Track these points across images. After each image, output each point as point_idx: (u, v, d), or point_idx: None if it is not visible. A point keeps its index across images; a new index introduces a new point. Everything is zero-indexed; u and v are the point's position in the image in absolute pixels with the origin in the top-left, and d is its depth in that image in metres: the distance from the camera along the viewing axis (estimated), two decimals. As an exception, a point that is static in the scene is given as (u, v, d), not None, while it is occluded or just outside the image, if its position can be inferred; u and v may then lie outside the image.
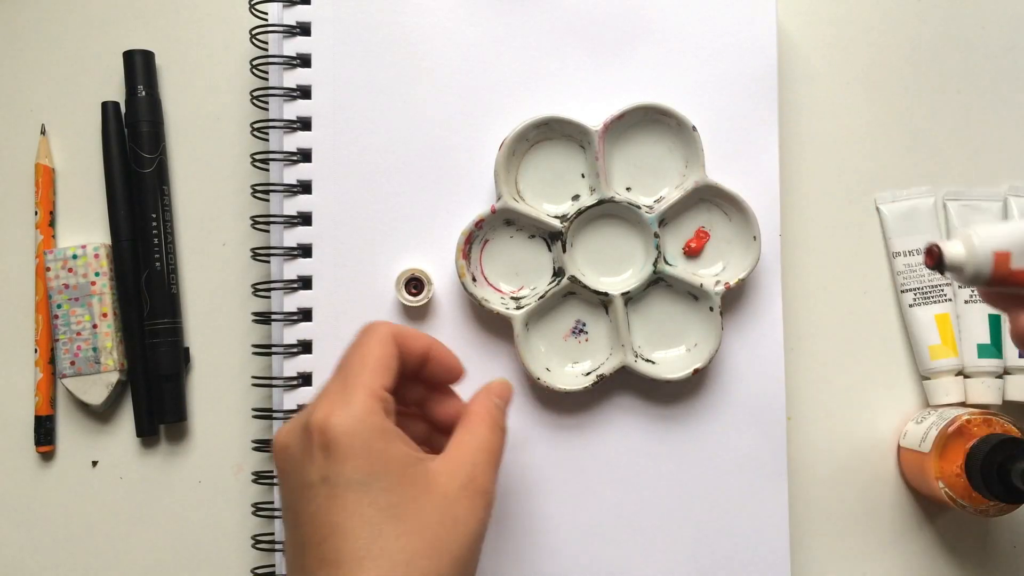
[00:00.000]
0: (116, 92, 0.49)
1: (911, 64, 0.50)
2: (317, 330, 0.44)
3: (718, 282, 0.44)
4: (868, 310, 0.49)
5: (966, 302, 0.48)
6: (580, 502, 0.44)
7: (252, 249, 0.45)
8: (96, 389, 0.46)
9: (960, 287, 0.34)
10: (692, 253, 0.45)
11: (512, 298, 0.44)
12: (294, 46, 0.45)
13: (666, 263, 0.44)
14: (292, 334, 0.44)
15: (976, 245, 0.31)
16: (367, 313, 0.44)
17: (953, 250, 0.31)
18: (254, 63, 0.46)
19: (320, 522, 0.32)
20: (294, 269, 0.45)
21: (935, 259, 0.31)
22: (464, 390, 0.40)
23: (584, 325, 0.45)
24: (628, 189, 0.45)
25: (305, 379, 0.44)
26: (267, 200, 0.46)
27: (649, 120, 0.44)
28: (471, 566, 0.33)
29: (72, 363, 0.46)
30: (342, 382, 0.34)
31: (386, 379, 0.34)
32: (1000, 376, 0.47)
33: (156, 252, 0.47)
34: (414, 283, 0.44)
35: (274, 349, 0.45)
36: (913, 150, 0.49)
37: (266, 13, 0.46)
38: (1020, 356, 0.47)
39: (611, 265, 0.45)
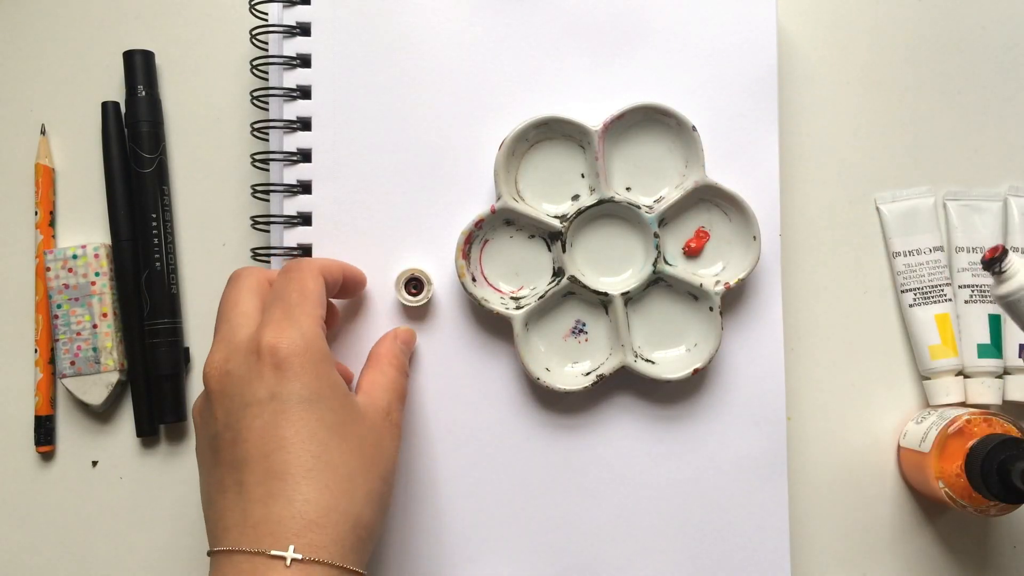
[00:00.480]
0: (116, 92, 0.49)
1: (911, 64, 0.50)
2: (317, 330, 0.44)
3: (718, 282, 0.44)
4: (868, 310, 0.49)
5: (966, 302, 0.48)
6: (580, 502, 0.44)
7: (252, 249, 0.45)
8: (96, 389, 0.46)
9: (992, 290, 0.35)
10: (692, 253, 0.45)
11: (512, 298, 0.44)
12: (294, 46, 0.45)
13: (666, 263, 0.44)
14: (292, 334, 0.44)
15: None
16: (367, 313, 0.45)
17: (1020, 263, 0.34)
18: (254, 63, 0.46)
19: (268, 436, 0.33)
20: (294, 269, 0.45)
21: (996, 256, 0.33)
22: (465, 390, 0.42)
23: (584, 325, 0.45)
24: (628, 189, 0.45)
25: (305, 379, 0.44)
26: (267, 200, 0.46)
27: (649, 120, 0.44)
28: (390, 490, 0.37)
29: (72, 363, 0.46)
30: (284, 311, 0.36)
31: (322, 310, 0.37)
32: (1000, 376, 0.47)
33: (156, 252, 0.47)
34: (414, 283, 0.44)
35: (274, 349, 0.45)
36: (913, 150, 0.49)
37: (266, 13, 0.46)
38: (1020, 356, 0.47)
39: (611, 265, 0.45)
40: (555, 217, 0.44)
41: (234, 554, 0.32)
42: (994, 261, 0.34)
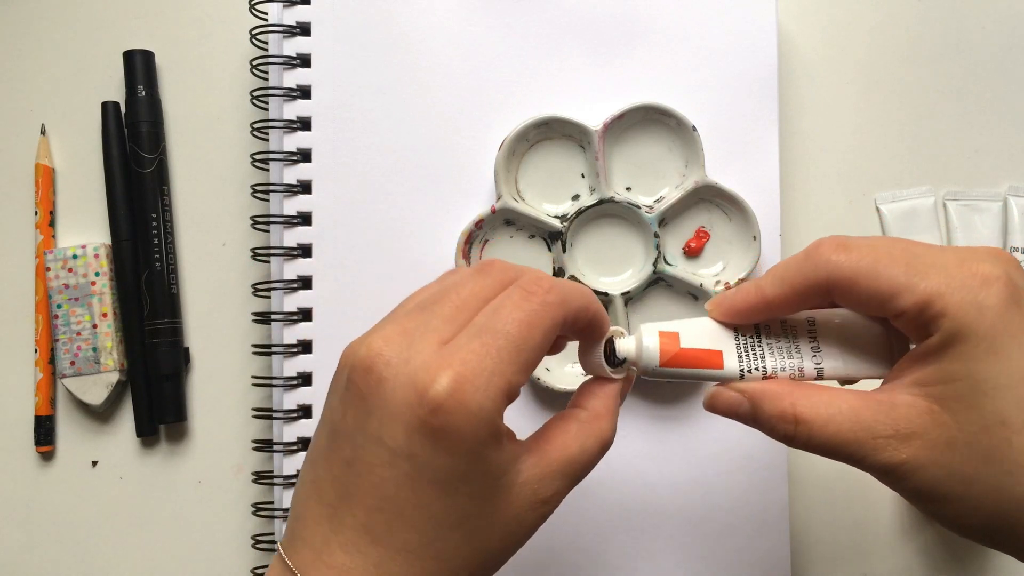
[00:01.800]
0: (116, 92, 0.49)
1: (911, 64, 0.50)
2: (317, 330, 0.44)
3: (718, 282, 0.44)
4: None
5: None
6: (580, 502, 0.44)
7: (252, 249, 0.45)
8: (96, 389, 0.46)
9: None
10: (692, 253, 0.45)
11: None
12: (294, 46, 0.45)
13: (666, 263, 0.44)
14: (292, 334, 0.44)
15: (642, 330, 0.32)
16: (367, 313, 0.44)
17: (624, 344, 0.32)
18: (254, 63, 0.46)
19: (385, 492, 0.28)
20: (294, 269, 0.45)
21: (608, 352, 0.32)
22: None
23: (584, 325, 0.45)
24: (628, 189, 0.45)
25: (305, 379, 0.44)
26: (267, 200, 0.46)
27: (649, 120, 0.44)
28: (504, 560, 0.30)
29: (72, 363, 0.46)
30: (482, 353, 0.27)
31: (525, 375, 0.29)
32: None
33: (156, 252, 0.47)
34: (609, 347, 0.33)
35: (274, 349, 0.45)
36: (913, 150, 0.49)
37: (266, 13, 0.46)
38: None
39: (611, 265, 0.45)
40: (555, 217, 0.44)
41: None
42: (611, 358, 0.32)
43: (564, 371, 0.44)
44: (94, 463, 0.48)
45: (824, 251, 0.30)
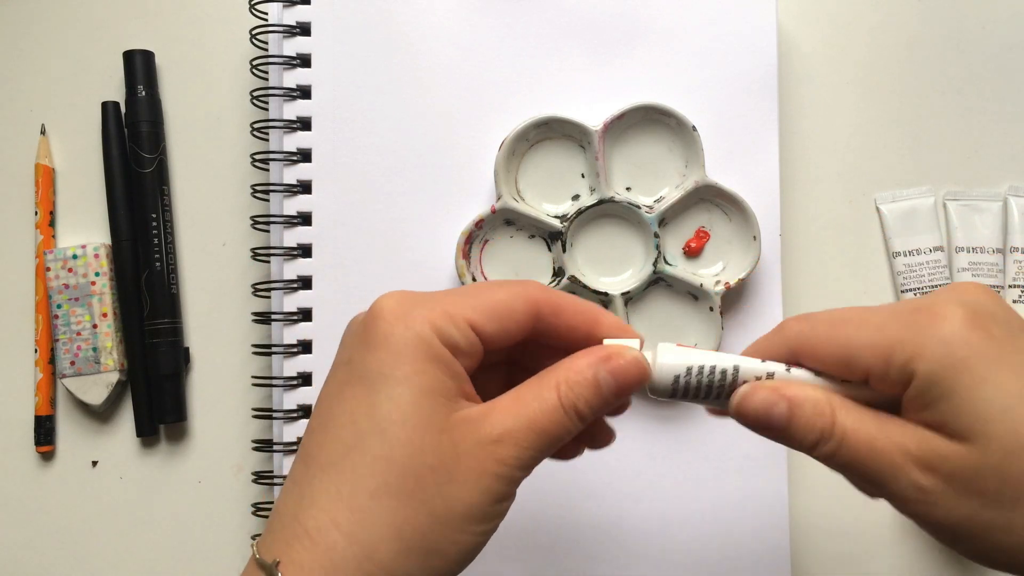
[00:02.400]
0: (116, 92, 0.49)
1: (911, 64, 0.50)
2: (317, 330, 0.44)
3: (718, 282, 0.44)
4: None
5: (966, 302, 0.48)
6: (579, 502, 0.44)
7: (252, 249, 0.45)
8: (96, 389, 0.46)
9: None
10: (692, 253, 0.45)
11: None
12: (294, 46, 0.45)
13: (666, 263, 0.44)
14: (292, 334, 0.44)
15: (659, 348, 0.30)
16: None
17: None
18: (254, 63, 0.46)
19: (321, 411, 0.28)
20: (294, 269, 0.45)
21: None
22: None
23: (584, 325, 0.45)
24: (628, 189, 0.45)
25: (305, 379, 0.44)
26: (267, 200, 0.46)
27: (649, 120, 0.44)
28: (455, 540, 0.27)
29: (72, 363, 0.46)
30: (442, 293, 0.29)
31: (490, 321, 0.28)
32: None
33: (156, 252, 0.47)
34: None
35: (274, 349, 0.45)
36: (913, 150, 0.49)
37: (266, 13, 0.46)
38: None
39: (611, 265, 0.45)
40: (555, 217, 0.44)
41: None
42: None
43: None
44: (94, 463, 0.48)
45: (788, 325, 0.29)
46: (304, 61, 0.45)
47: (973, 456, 0.26)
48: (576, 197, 0.45)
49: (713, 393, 0.30)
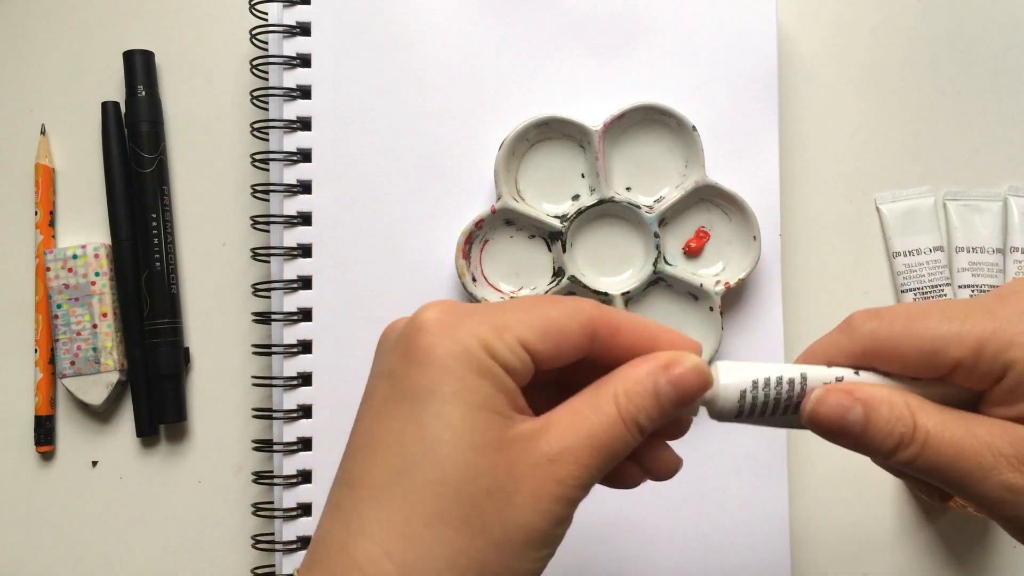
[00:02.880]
0: (116, 92, 0.49)
1: (911, 64, 0.50)
2: (317, 330, 0.44)
3: (718, 282, 0.44)
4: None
5: (966, 302, 0.48)
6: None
7: (252, 249, 0.45)
8: (96, 389, 0.46)
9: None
10: (692, 253, 0.45)
11: (512, 298, 0.44)
12: (294, 46, 0.45)
13: (666, 263, 0.44)
14: (292, 334, 0.44)
15: (719, 367, 0.28)
16: (367, 313, 0.44)
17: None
18: (254, 63, 0.46)
19: (361, 430, 0.26)
20: (294, 269, 0.45)
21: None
22: None
23: (584, 325, 0.45)
24: (628, 189, 0.45)
25: (305, 379, 0.44)
26: (267, 200, 0.46)
27: (649, 120, 0.44)
28: (515, 567, 0.26)
29: (72, 363, 0.46)
30: (488, 305, 0.27)
31: (542, 339, 0.26)
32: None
33: (156, 252, 0.47)
34: None
35: (274, 349, 0.45)
36: (913, 150, 0.49)
37: (266, 13, 0.46)
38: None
39: (611, 265, 0.45)
40: (555, 217, 0.44)
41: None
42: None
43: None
44: (94, 463, 0.48)
45: (858, 322, 0.28)
46: (304, 61, 0.45)
47: None
48: (576, 197, 0.45)
49: (780, 407, 0.28)
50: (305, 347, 0.45)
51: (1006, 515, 0.26)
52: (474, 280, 0.44)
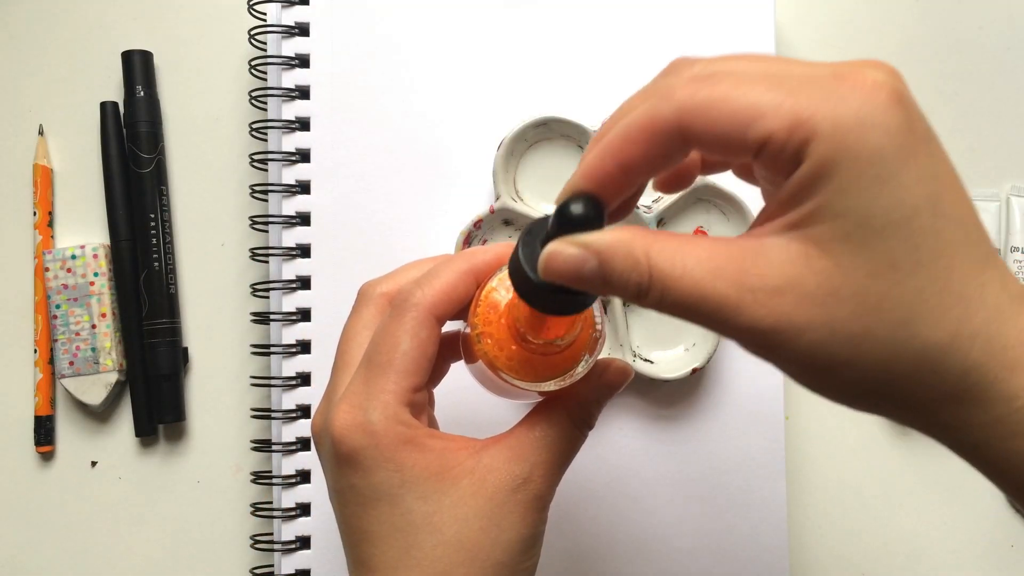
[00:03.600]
0: (115, 92, 0.49)
1: (909, 64, 0.50)
2: (316, 330, 0.44)
3: (717, 282, 0.44)
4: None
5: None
6: (579, 502, 0.44)
7: (251, 249, 0.45)
8: (95, 389, 0.46)
9: None
10: (691, 253, 0.45)
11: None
12: (293, 46, 0.45)
13: (665, 263, 0.44)
14: (291, 334, 0.45)
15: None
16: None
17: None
18: (253, 63, 0.46)
19: (353, 527, 0.30)
20: (293, 269, 0.45)
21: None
22: (463, 391, 0.37)
23: (583, 325, 0.45)
24: (627, 189, 0.45)
25: (304, 379, 0.44)
26: (266, 200, 0.46)
27: (648, 120, 0.44)
28: (520, 569, 0.30)
29: (71, 363, 0.46)
30: (364, 380, 0.30)
31: (416, 379, 0.30)
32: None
33: (155, 252, 0.47)
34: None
35: (273, 349, 0.45)
36: (912, 150, 0.49)
37: (265, 13, 0.46)
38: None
39: (610, 265, 0.45)
40: (554, 217, 0.44)
41: None
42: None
43: (563, 371, 0.44)
44: (93, 463, 0.48)
45: (679, 84, 0.24)
46: (303, 61, 0.45)
47: (837, 272, 0.22)
48: (575, 197, 0.45)
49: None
50: (304, 347, 0.45)
51: (779, 356, 0.24)
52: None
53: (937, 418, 0.24)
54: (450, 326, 0.33)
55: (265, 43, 0.46)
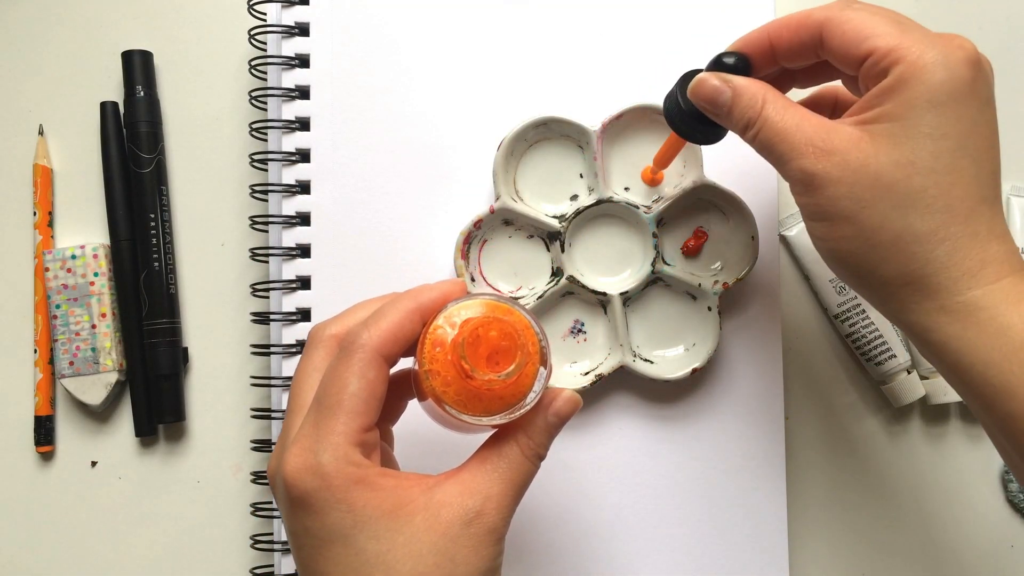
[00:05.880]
0: (115, 92, 0.49)
1: (910, 64, 0.50)
2: (316, 330, 0.44)
3: (716, 282, 0.44)
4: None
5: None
6: (579, 502, 0.44)
7: (251, 249, 0.45)
8: (95, 389, 0.46)
9: None
10: (690, 253, 0.45)
11: (511, 298, 0.44)
12: (293, 46, 0.45)
13: (664, 263, 0.44)
14: (291, 334, 0.45)
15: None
16: (366, 313, 0.44)
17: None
18: (253, 63, 0.46)
19: (308, 569, 0.31)
20: (293, 269, 0.45)
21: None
22: None
23: (582, 325, 0.45)
24: (626, 189, 0.45)
25: (304, 379, 0.44)
26: (266, 200, 0.46)
27: (647, 120, 0.44)
28: None
29: (71, 363, 0.46)
30: (314, 424, 0.31)
31: (365, 419, 0.31)
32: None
33: (155, 252, 0.47)
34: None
35: (273, 349, 0.45)
36: (912, 150, 0.49)
37: (265, 13, 0.46)
38: None
39: (609, 265, 0.45)
40: (554, 217, 0.44)
41: None
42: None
43: (563, 371, 0.44)
44: (93, 463, 0.48)
45: (830, 3, 0.34)
46: (303, 61, 0.45)
47: (873, 154, 0.31)
48: (575, 197, 0.45)
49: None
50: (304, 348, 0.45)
51: (798, 199, 0.33)
52: (473, 280, 0.44)
53: (896, 296, 0.32)
54: (405, 363, 0.33)
55: (265, 43, 0.46)
